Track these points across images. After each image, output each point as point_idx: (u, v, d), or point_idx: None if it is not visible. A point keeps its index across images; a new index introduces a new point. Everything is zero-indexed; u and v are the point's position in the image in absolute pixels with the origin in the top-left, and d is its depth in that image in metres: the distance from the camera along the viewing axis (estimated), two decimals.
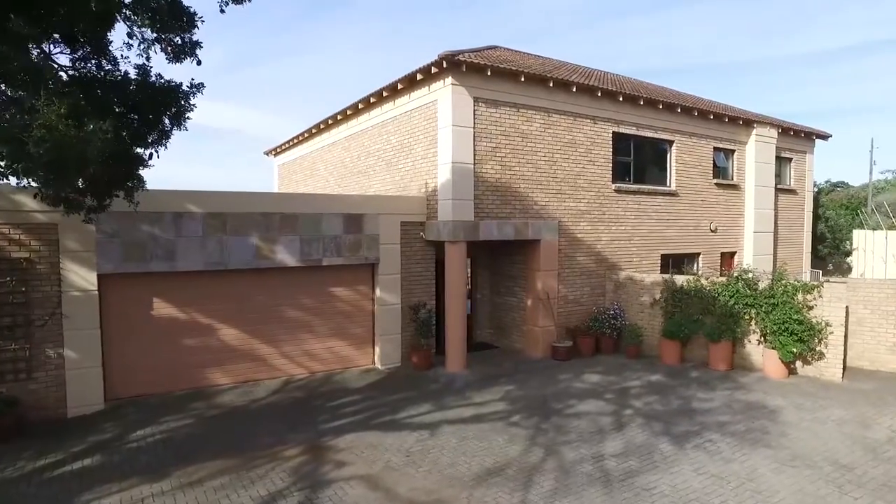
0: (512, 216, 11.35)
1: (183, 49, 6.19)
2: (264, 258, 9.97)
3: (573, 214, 12.29)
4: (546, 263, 11.79)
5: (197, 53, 6.34)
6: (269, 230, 9.99)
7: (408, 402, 9.16)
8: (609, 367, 11.13)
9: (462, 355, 10.88)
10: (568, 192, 12.18)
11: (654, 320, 12.02)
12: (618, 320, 12.19)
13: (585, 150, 12.41)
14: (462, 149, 10.62)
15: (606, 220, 12.88)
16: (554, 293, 11.92)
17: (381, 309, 11.10)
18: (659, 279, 11.96)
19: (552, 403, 8.98)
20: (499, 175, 11.15)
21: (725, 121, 14.96)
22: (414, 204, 11.40)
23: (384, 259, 11.04)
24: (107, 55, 6.06)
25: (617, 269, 12.98)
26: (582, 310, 12.49)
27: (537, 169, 11.67)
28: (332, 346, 10.88)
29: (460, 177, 10.62)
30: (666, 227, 14.08)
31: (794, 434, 7.58)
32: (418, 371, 10.92)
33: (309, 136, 17.56)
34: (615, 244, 13.07)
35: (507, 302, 12.86)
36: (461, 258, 10.74)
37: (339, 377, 10.57)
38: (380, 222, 10.98)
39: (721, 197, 15.34)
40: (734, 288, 10.96)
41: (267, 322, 10.27)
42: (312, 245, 10.37)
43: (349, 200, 10.83)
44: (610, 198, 12.91)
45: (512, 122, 11.26)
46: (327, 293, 10.78)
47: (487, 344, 13.11)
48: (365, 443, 7.52)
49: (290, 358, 10.52)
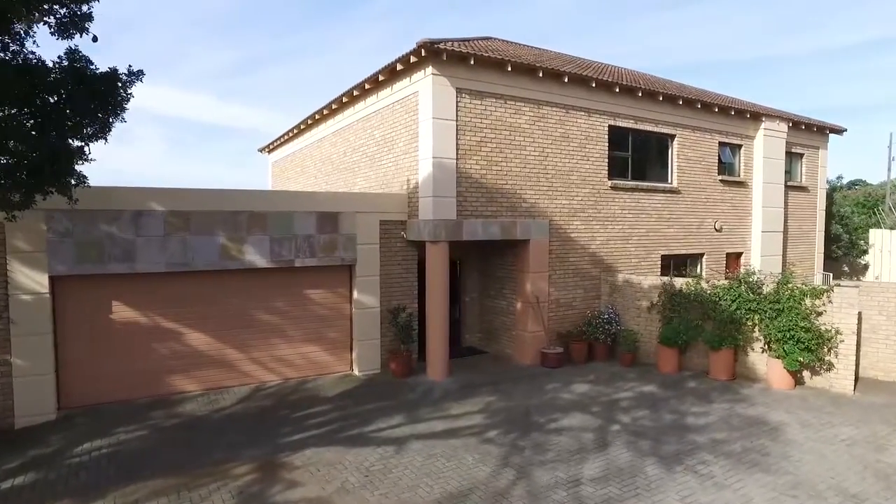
0: (498, 214, 10.68)
1: (71, 23, 5.49)
2: (232, 259, 9.41)
3: (566, 213, 11.59)
4: (536, 265, 11.11)
5: (88, 27, 5.65)
6: (237, 229, 9.43)
7: (380, 412, 8.55)
8: (601, 376, 10.43)
9: (444, 362, 10.24)
10: (560, 188, 11.48)
11: (651, 325, 11.28)
12: (612, 325, 11.47)
13: (579, 144, 11.70)
14: (443, 143, 9.97)
15: (602, 219, 12.16)
16: (544, 296, 11.23)
17: (359, 312, 10.50)
18: (657, 282, 11.22)
19: (534, 416, 8.31)
20: (484, 171, 10.48)
21: (731, 114, 14.13)
22: (394, 202, 10.78)
23: (362, 260, 10.44)
24: (13, 37, 5.47)
25: (613, 271, 12.26)
26: (575, 314, 11.79)
27: (526, 164, 10.99)
28: (307, 351, 10.30)
29: (441, 172, 9.98)
30: (667, 227, 13.31)
31: (797, 456, 6.84)
32: (397, 378, 10.31)
33: (299, 132, 17.04)
34: (611, 244, 12.35)
35: (497, 305, 12.20)
36: (443, 259, 10.11)
37: (312, 384, 9.99)
38: (357, 221, 10.37)
39: (727, 194, 14.52)
40: (736, 292, 10.19)
41: (236, 326, 9.71)
42: (284, 245, 9.79)
43: (323, 198, 10.24)
44: (606, 195, 12.18)
45: (498, 115, 10.59)
46: (301, 296, 10.20)
47: (476, 349, 12.46)
48: (324, 459, 6.93)
49: (262, 364, 9.96)
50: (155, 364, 9.20)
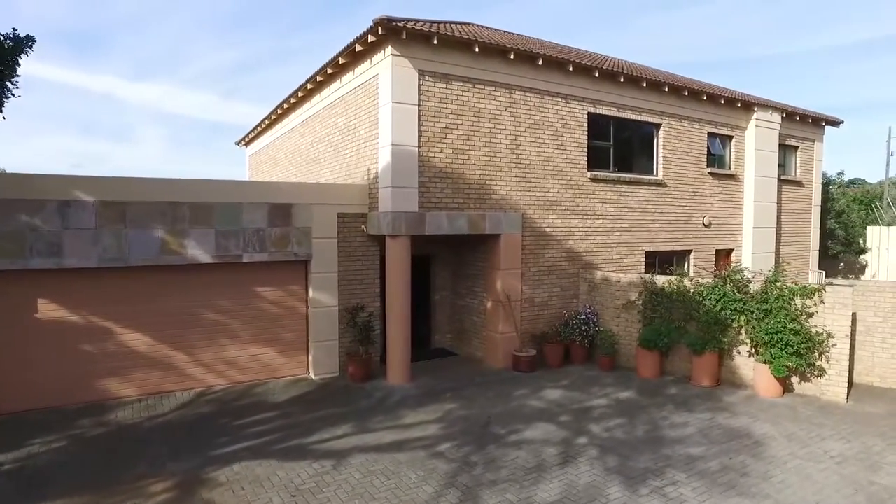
0: (465, 207, 9.93)
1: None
2: (173, 254, 8.67)
3: (540, 206, 10.84)
4: (507, 261, 10.36)
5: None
6: (178, 222, 8.68)
7: (327, 421, 7.82)
8: (575, 381, 9.68)
9: (405, 365, 9.50)
10: (534, 179, 10.72)
11: (631, 327, 10.54)
12: (590, 326, 10.72)
13: (555, 132, 10.94)
14: (404, 129, 9.22)
15: (580, 213, 11.40)
16: (516, 295, 10.49)
17: (316, 312, 9.76)
18: (637, 280, 10.47)
19: (495, 427, 7.57)
20: (450, 160, 9.73)
21: (721, 103, 13.37)
22: (353, 193, 10.04)
23: (318, 255, 9.69)
24: None
25: (592, 269, 11.51)
26: (551, 314, 11.05)
27: (496, 153, 10.24)
28: (257, 353, 9.57)
29: (402, 161, 9.23)
30: (651, 221, 12.56)
31: (779, 476, 6.09)
32: (355, 382, 9.57)
33: (270, 122, 16.28)
34: (591, 240, 11.60)
35: (468, 305, 11.46)
36: (403, 255, 9.36)
37: (262, 389, 9.26)
38: (313, 214, 9.62)
39: (716, 188, 13.76)
40: (721, 291, 9.45)
41: (179, 326, 8.97)
42: (231, 239, 9.05)
43: (275, 189, 9.48)
44: (585, 187, 11.43)
45: (466, 100, 9.83)
46: (251, 293, 9.46)
47: (446, 351, 11.72)
48: (251, 475, 6.20)
49: (208, 367, 9.23)
50: (88, 367, 8.46)
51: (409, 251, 9.40)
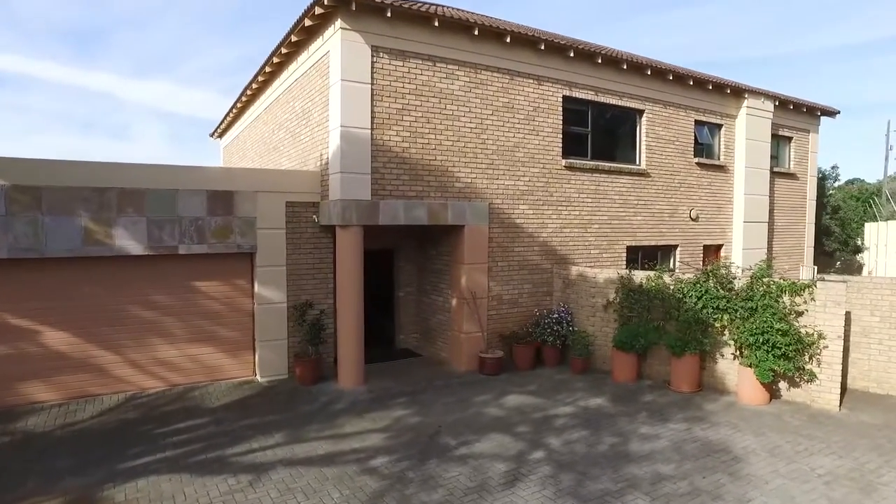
0: (425, 195, 9.13)
1: None
2: (97, 244, 7.89)
3: (510, 195, 10.04)
4: (472, 255, 9.56)
5: None
6: (104, 209, 7.90)
7: (260, 429, 7.03)
8: (543, 386, 8.88)
9: (357, 367, 8.71)
10: (502, 167, 9.92)
11: (607, 327, 9.74)
12: (563, 326, 9.92)
13: (526, 116, 10.14)
14: (355, 110, 8.43)
15: (554, 203, 10.60)
16: (483, 292, 9.69)
17: (262, 309, 8.97)
18: (614, 276, 9.67)
19: (445, 438, 6.77)
20: (407, 144, 8.93)
21: (709, 88, 12.56)
22: (304, 180, 9.24)
23: (264, 248, 8.90)
24: None
25: (568, 264, 10.71)
26: (521, 313, 10.25)
27: (460, 138, 9.44)
28: (197, 353, 8.78)
29: (352, 145, 8.44)
30: (633, 214, 11.75)
31: (758, 500, 5.28)
32: (304, 385, 8.78)
33: (238, 111, 15.47)
34: (566, 233, 10.79)
35: (434, 302, 10.66)
36: (354, 247, 8.56)
37: (200, 392, 8.47)
38: (258, 202, 8.83)
39: (704, 179, 12.95)
40: (703, 287, 8.64)
41: (107, 323, 8.18)
42: (165, 229, 8.26)
43: (215, 175, 8.68)
44: (559, 176, 10.63)
45: (425, 79, 9.03)
46: (190, 288, 8.67)
47: (411, 352, 10.92)
48: (155, 493, 5.42)
49: (141, 368, 8.44)
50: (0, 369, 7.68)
51: (360, 243, 8.60)
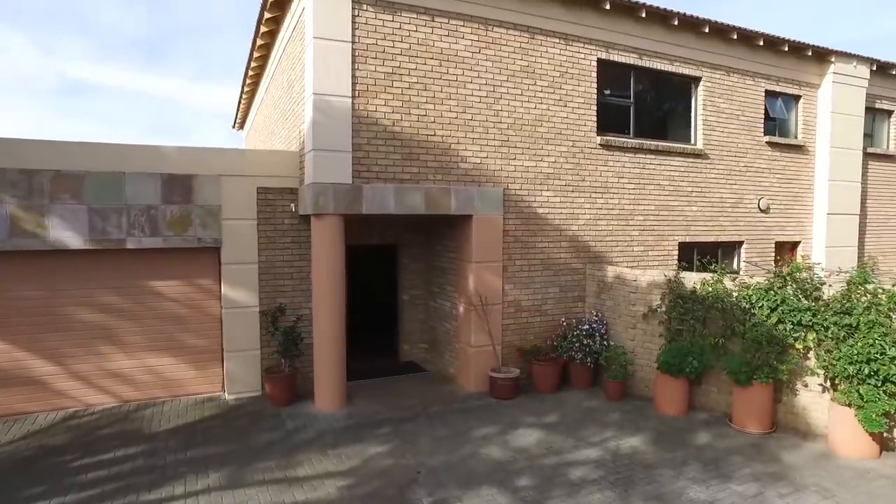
0: (422, 178, 7.52)
1: None
2: (28, 236, 6.76)
3: (530, 179, 8.27)
4: (482, 251, 7.87)
5: None
6: (35, 195, 6.76)
7: (197, 465, 5.65)
8: (567, 417, 7.08)
9: (336, 386, 7.22)
10: (520, 145, 8.17)
11: (650, 342, 7.81)
12: (595, 340, 8.06)
13: (551, 83, 8.34)
14: (331, 73, 6.93)
15: (587, 190, 8.74)
16: (496, 296, 7.98)
17: (230, 314, 7.64)
18: (659, 279, 7.72)
19: (418, 491, 5.15)
20: (398, 115, 7.35)
21: (784, 50, 10.28)
22: (278, 162, 7.84)
23: (230, 242, 7.56)
24: None
25: (603, 264, 8.82)
26: (544, 322, 8.46)
27: (466, 108, 7.77)
28: (155, 364, 7.54)
29: (327, 116, 6.94)
30: (686, 204, 9.69)
31: None
32: (275, 405, 7.38)
33: (248, 97, 14.39)
34: (602, 225, 8.90)
35: (441, 307, 9.04)
36: (331, 241, 7.07)
37: (152, 411, 7.21)
38: (222, 188, 7.50)
39: (776, 162, 10.67)
40: (778, 295, 6.60)
41: (44, 329, 7.06)
42: (110, 219, 7.05)
43: (168, 154, 7.37)
44: (593, 156, 8.75)
45: (422, 37, 7.42)
46: (143, 289, 7.44)
47: (416, 366, 9.33)
48: None
49: (87, 381, 7.27)
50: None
51: (339, 236, 7.10)
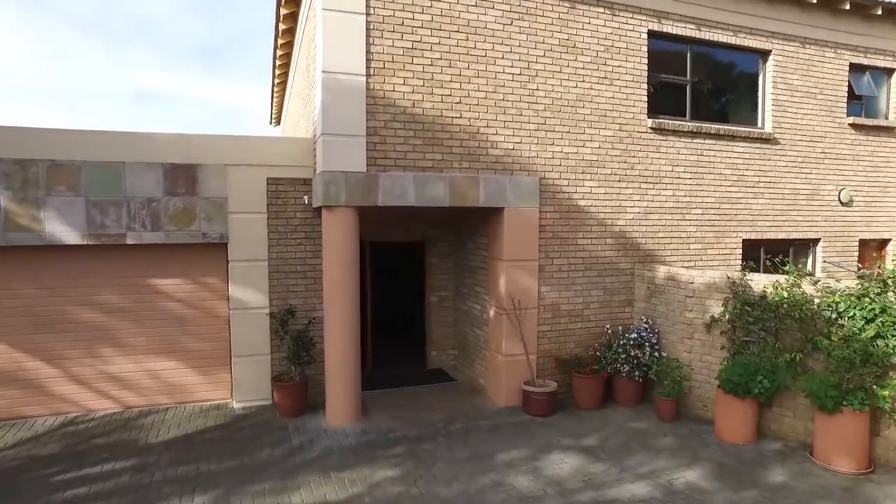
0: (446, 166, 6.70)
1: None
2: (22, 230, 6.34)
3: (571, 167, 7.31)
4: (515, 248, 6.98)
5: None
6: (30, 186, 6.34)
7: (187, 484, 5.04)
8: (610, 440, 6.10)
9: (349, 398, 6.49)
10: (559, 128, 7.21)
11: (709, 354, 6.70)
12: (645, 350, 7.03)
13: (595, 59, 7.34)
14: (342, 49, 6.20)
15: (636, 179, 7.69)
16: (530, 299, 7.07)
17: (238, 315, 7.05)
18: (720, 281, 6.60)
19: None
20: (419, 96, 6.55)
21: (877, 15, 8.86)
22: (289, 150, 7.19)
23: (238, 237, 6.96)
24: None
25: (655, 263, 7.75)
26: (586, 329, 7.48)
27: (497, 88, 6.88)
28: (159, 368, 7.03)
29: (338, 97, 6.22)
30: (752, 196, 8.46)
31: None
32: (283, 416, 6.73)
33: (280, 90, 13.96)
34: (654, 220, 7.83)
35: (471, 311, 8.20)
36: (344, 237, 6.34)
37: (153, 419, 6.68)
38: (229, 178, 6.91)
39: (862, 147, 9.25)
40: (876, 304, 5.41)
41: (41, 329, 6.65)
42: (109, 212, 6.56)
43: (172, 143, 6.80)
44: (644, 142, 7.69)
45: (446, 7, 6.59)
46: (146, 287, 6.94)
47: (444, 374, 8.52)
48: None
49: (88, 384, 6.84)
50: None
51: (352, 231, 6.36)
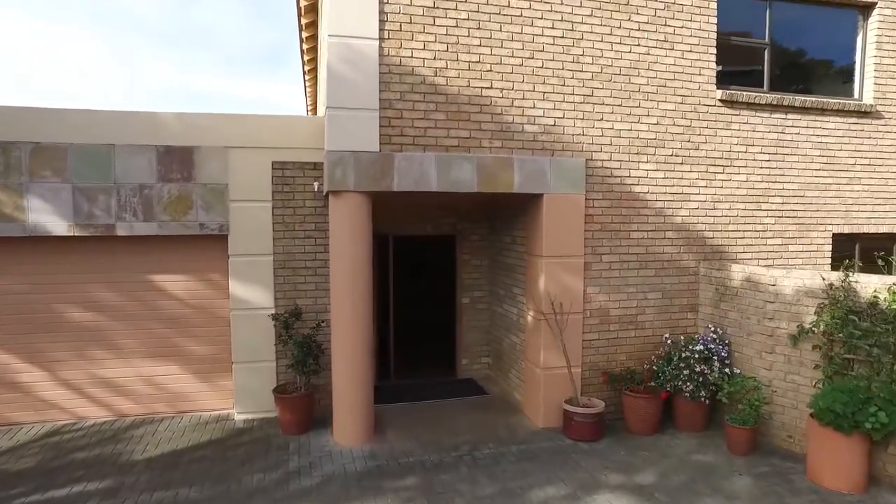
0: (474, 145, 5.70)
1: None
2: (3, 220, 5.75)
3: (623, 147, 6.17)
4: (556, 242, 5.91)
5: None
6: (11, 171, 5.74)
7: None
8: (669, 478, 4.95)
9: (360, 414, 5.60)
10: (609, 101, 6.09)
11: (797, 374, 5.44)
12: (713, 365, 5.82)
13: (651, 18, 6.18)
14: (352, 8, 5.31)
15: (703, 162, 6.47)
16: (573, 301, 5.98)
17: (239, 316, 6.27)
18: (813, 283, 5.33)
19: None
20: (441, 63, 5.59)
21: None
22: (297, 130, 6.36)
23: (239, 228, 6.19)
24: None
25: (724, 261, 6.51)
26: (641, 339, 6.33)
27: (534, 53, 5.84)
28: (156, 374, 6.35)
29: (347, 64, 5.34)
30: (846, 181, 7.06)
31: None
32: (286, 433, 5.90)
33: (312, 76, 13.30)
34: (723, 210, 6.58)
35: (506, 315, 7.17)
36: (353, 226, 5.45)
37: (145, 430, 5.98)
38: (230, 162, 6.14)
39: None
40: None
41: (26, 328, 6.06)
42: (97, 200, 5.91)
43: (164, 122, 6.07)
44: (711, 117, 6.46)
45: None
46: (139, 283, 6.26)
47: (475, 385, 7.51)
48: None
49: (79, 390, 6.22)
50: None
51: (363, 221, 5.47)
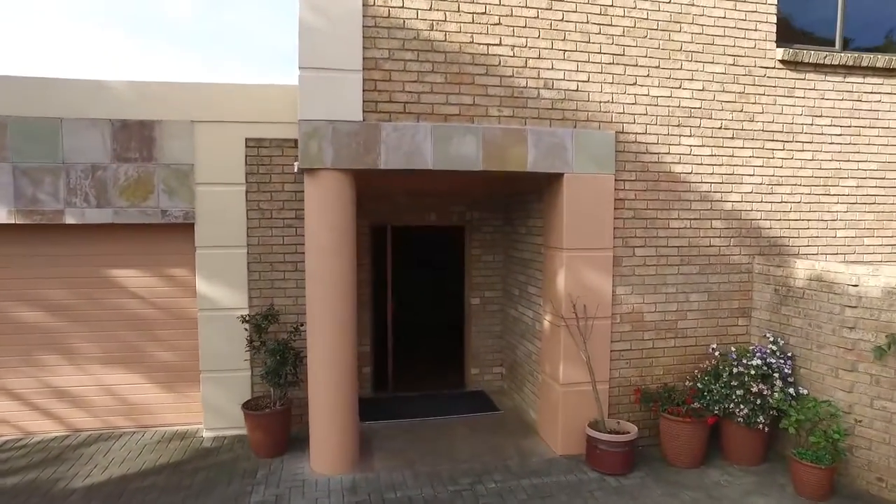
0: (478, 114, 4.72)
1: None
2: None
3: (661, 117, 5.11)
4: (578, 233, 4.88)
5: None
6: None
7: None
8: None
9: (343, 438, 4.67)
10: (644, 62, 5.04)
11: (890, 398, 4.30)
12: (772, 384, 4.71)
13: None
14: None
15: (758, 137, 5.35)
16: (600, 304, 4.95)
17: (207, 318, 5.42)
18: None
19: None
20: (440, 13, 4.62)
21: None
22: (273, 99, 5.44)
23: (207, 216, 5.34)
24: None
25: (784, 256, 5.39)
26: (682, 350, 5.25)
27: (553, 2, 4.83)
28: (115, 383, 5.54)
29: (325, 16, 4.42)
30: None
31: None
32: (257, 454, 5.02)
33: None
34: (783, 194, 5.45)
35: (522, 318, 6.17)
36: (331, 211, 4.52)
37: (96, 448, 5.16)
38: (196, 139, 5.29)
39: None
40: None
41: None
42: (43, 183, 5.12)
43: (121, 92, 5.22)
44: (769, 82, 5.34)
45: None
46: (95, 280, 5.45)
47: (485, 399, 6.51)
48: None
49: (27, 401, 5.45)
50: None
51: (345, 205, 4.55)
